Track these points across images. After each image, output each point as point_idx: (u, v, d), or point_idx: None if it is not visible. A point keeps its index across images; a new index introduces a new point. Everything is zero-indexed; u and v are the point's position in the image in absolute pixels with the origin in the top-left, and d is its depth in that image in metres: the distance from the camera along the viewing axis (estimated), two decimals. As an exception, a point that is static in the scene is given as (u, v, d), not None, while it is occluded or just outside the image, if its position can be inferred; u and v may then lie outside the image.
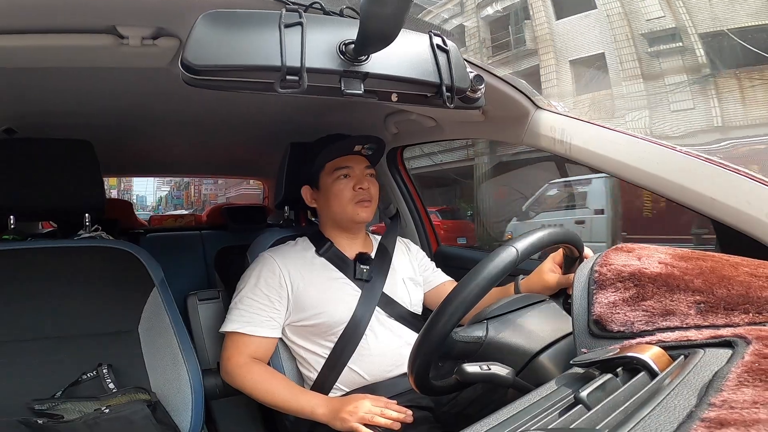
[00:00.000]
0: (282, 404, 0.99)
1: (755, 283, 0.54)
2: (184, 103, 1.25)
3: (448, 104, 0.68)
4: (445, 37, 0.70)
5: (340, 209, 1.10)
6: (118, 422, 0.88)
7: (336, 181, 1.10)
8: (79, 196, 1.10)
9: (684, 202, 0.82)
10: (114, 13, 0.72)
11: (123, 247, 1.13)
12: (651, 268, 0.60)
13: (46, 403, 0.90)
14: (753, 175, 0.76)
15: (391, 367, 1.06)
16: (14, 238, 1.10)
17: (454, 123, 1.26)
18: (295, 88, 0.58)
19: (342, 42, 0.61)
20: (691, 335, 0.50)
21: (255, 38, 0.57)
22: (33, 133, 1.22)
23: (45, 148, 1.08)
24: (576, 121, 0.99)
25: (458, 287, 0.65)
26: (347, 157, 1.11)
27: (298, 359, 1.10)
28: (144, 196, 25.00)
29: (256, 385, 1.01)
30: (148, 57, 0.82)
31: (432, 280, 1.25)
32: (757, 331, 0.46)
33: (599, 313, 0.57)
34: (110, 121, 1.39)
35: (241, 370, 1.02)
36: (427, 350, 0.64)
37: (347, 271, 1.11)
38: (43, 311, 1.01)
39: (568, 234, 0.79)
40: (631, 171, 0.88)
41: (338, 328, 1.04)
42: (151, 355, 1.05)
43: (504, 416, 0.44)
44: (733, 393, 0.37)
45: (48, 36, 0.75)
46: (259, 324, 1.03)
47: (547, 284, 0.92)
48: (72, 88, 1.09)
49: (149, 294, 1.09)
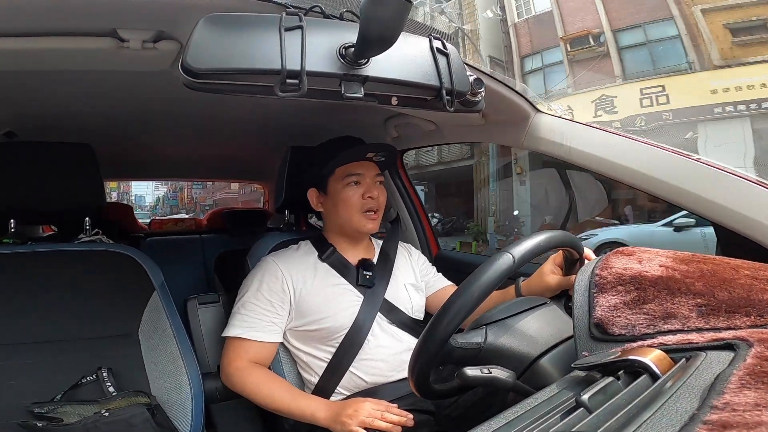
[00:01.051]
0: (282, 408, 0.99)
1: (756, 286, 0.54)
2: (185, 106, 1.26)
3: (448, 108, 0.68)
4: (445, 41, 0.70)
5: (348, 216, 1.10)
6: (118, 426, 0.88)
7: (346, 188, 1.09)
8: (79, 200, 1.10)
9: (685, 205, 0.82)
10: (115, 16, 0.72)
11: (123, 250, 1.13)
12: (652, 271, 0.60)
13: (45, 406, 0.89)
14: (754, 179, 0.76)
15: (392, 372, 1.06)
16: (14, 241, 1.10)
17: (454, 126, 1.27)
18: (295, 91, 0.58)
19: (342, 45, 0.62)
20: (692, 338, 0.49)
21: (255, 41, 0.58)
22: (33, 136, 1.22)
23: (45, 151, 1.08)
24: (576, 125, 0.99)
25: (455, 295, 0.65)
26: (359, 164, 1.10)
27: (299, 363, 1.10)
28: (143, 196, 25.11)
29: (256, 388, 1.01)
30: (149, 60, 0.82)
31: (433, 285, 1.24)
32: (759, 333, 0.46)
33: (600, 316, 0.57)
34: (111, 125, 1.39)
35: (241, 373, 1.02)
36: (426, 356, 0.64)
37: (350, 277, 1.10)
38: (43, 315, 1.01)
39: (566, 237, 0.79)
40: (632, 174, 0.88)
41: (340, 333, 1.04)
42: (151, 358, 1.05)
43: (505, 419, 0.44)
44: (735, 395, 0.36)
45: (49, 39, 0.75)
46: (261, 329, 1.03)
47: (548, 286, 0.92)
48: (72, 92, 1.09)
49: (149, 298, 1.09)
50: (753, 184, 0.75)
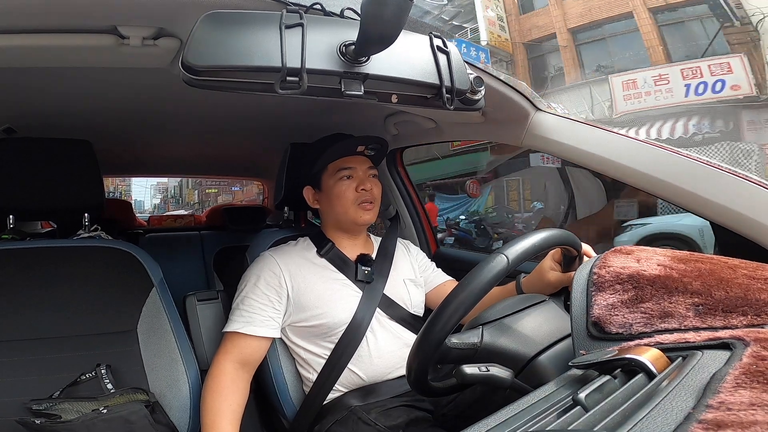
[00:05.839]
0: (202, 425, 0.95)
1: (753, 286, 0.54)
2: (184, 103, 1.25)
3: (448, 106, 0.69)
4: (445, 39, 0.70)
5: (343, 211, 1.10)
6: (116, 423, 0.88)
7: (338, 182, 1.10)
8: (78, 196, 1.10)
9: (683, 204, 0.82)
10: (115, 13, 0.72)
11: (122, 247, 1.13)
12: (650, 271, 0.60)
13: (43, 403, 0.89)
14: (752, 178, 0.76)
15: (390, 369, 1.06)
16: (13, 237, 1.10)
17: (453, 124, 1.26)
18: (295, 89, 0.58)
19: (342, 43, 0.62)
20: (689, 337, 0.50)
21: (255, 39, 0.58)
22: (33, 132, 1.22)
23: (45, 147, 1.08)
24: (575, 123, 0.99)
25: (450, 296, 0.65)
26: (350, 158, 1.11)
27: (297, 360, 1.10)
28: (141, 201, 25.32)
29: (208, 390, 0.97)
30: (149, 57, 0.82)
31: (433, 280, 1.25)
32: (755, 333, 0.46)
33: (598, 314, 0.57)
34: (110, 121, 1.39)
35: (217, 371, 0.99)
36: (423, 356, 0.65)
37: (348, 272, 1.10)
38: (41, 311, 1.01)
39: (562, 235, 0.78)
40: (631, 173, 0.89)
41: (339, 329, 1.04)
42: (149, 355, 1.05)
43: (502, 417, 0.44)
44: (731, 395, 0.37)
45: (48, 36, 0.75)
46: (258, 324, 1.03)
47: (547, 282, 0.92)
48: (72, 88, 1.09)
49: (148, 294, 1.09)
50: (753, 184, 0.76)
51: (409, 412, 0.97)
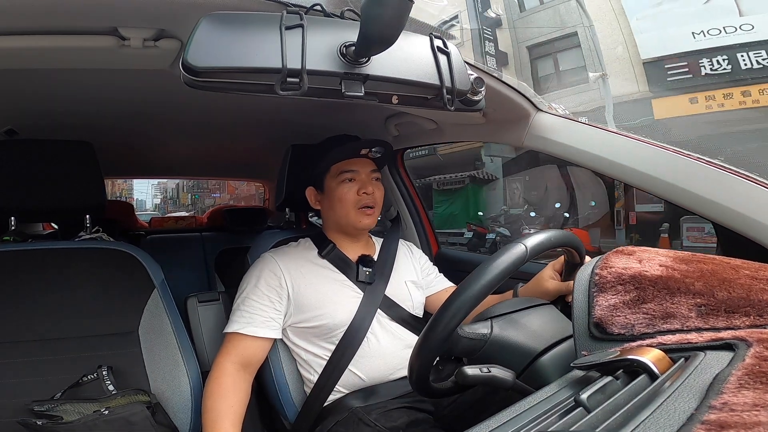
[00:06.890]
0: (204, 426, 0.94)
1: (756, 286, 0.54)
2: (185, 104, 1.26)
3: (448, 107, 0.68)
4: (446, 39, 0.70)
5: (344, 213, 1.10)
6: (117, 424, 0.88)
7: (341, 185, 1.10)
8: (79, 197, 1.11)
9: (685, 204, 0.82)
10: (115, 14, 0.72)
11: (123, 248, 1.13)
12: (652, 271, 0.60)
13: (45, 404, 0.90)
14: (754, 178, 0.76)
15: (391, 370, 1.06)
16: (15, 239, 1.10)
17: (454, 125, 1.26)
18: (296, 90, 0.58)
19: (343, 44, 0.62)
20: (691, 338, 0.49)
21: (256, 40, 0.58)
22: (34, 134, 1.23)
23: (46, 149, 1.08)
24: (576, 124, 0.99)
25: (465, 283, 0.65)
26: (353, 160, 1.10)
27: (298, 361, 1.10)
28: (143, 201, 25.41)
29: (209, 393, 0.96)
30: (150, 58, 0.82)
31: (435, 285, 1.24)
32: (758, 333, 0.46)
33: (600, 315, 0.57)
34: (111, 123, 1.40)
35: (217, 372, 0.98)
36: (430, 347, 0.64)
37: (349, 273, 1.10)
38: (43, 312, 1.01)
39: (574, 239, 0.80)
40: (632, 173, 0.88)
41: (339, 330, 1.04)
42: (151, 356, 1.05)
43: (504, 418, 0.44)
44: (734, 395, 0.36)
45: (49, 37, 0.75)
46: (259, 324, 1.02)
47: (545, 291, 0.93)
48: (73, 90, 1.09)
49: (149, 296, 1.09)
50: (753, 184, 0.75)
51: (410, 413, 0.97)
